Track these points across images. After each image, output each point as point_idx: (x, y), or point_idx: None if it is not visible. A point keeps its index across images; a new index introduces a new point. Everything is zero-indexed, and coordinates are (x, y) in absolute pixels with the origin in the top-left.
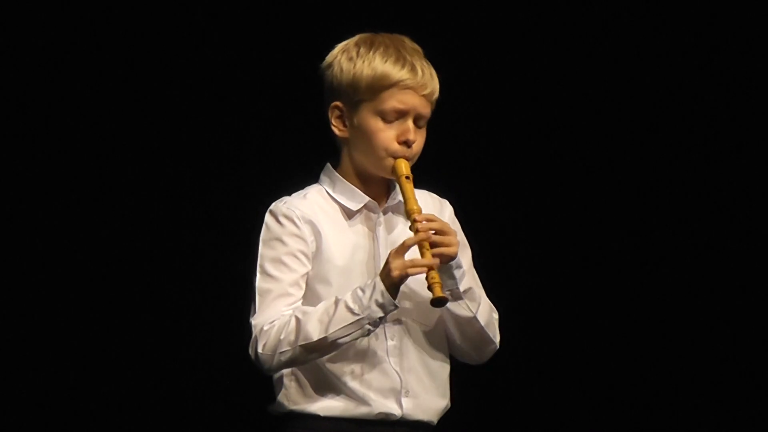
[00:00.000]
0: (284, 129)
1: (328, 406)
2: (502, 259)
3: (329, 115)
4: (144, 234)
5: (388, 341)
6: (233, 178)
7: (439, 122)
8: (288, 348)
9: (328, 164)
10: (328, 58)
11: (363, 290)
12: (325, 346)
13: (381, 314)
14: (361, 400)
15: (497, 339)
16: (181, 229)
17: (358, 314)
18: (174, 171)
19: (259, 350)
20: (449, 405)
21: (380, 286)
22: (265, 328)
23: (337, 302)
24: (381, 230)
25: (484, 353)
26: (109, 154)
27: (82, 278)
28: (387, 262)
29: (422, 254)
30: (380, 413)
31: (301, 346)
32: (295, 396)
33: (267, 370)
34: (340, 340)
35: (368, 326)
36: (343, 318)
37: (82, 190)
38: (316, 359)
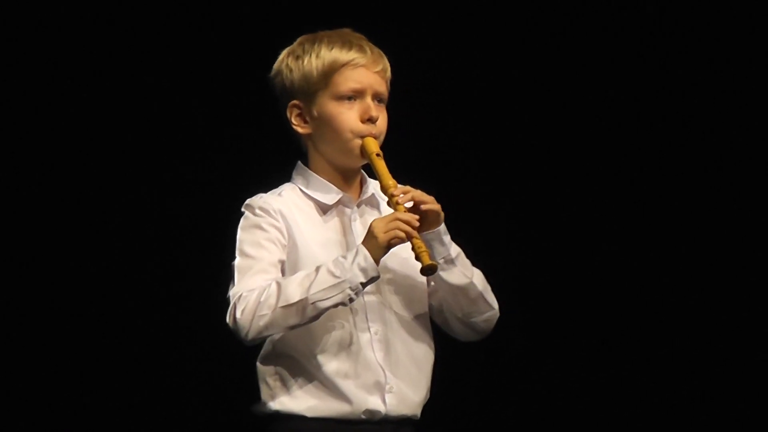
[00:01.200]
0: (254, 131)
1: (313, 406)
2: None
3: (288, 116)
4: (115, 235)
5: (371, 334)
6: (206, 180)
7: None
8: (267, 311)
9: (299, 162)
10: (276, 65)
11: (345, 256)
12: (305, 309)
13: (362, 279)
14: (345, 399)
15: (496, 305)
16: (152, 231)
17: (339, 277)
18: (146, 174)
19: (238, 315)
20: (428, 396)
21: (363, 250)
22: (243, 294)
23: (318, 268)
24: (356, 225)
25: (487, 321)
26: (83, 156)
27: (62, 277)
28: (370, 228)
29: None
30: (365, 411)
31: (281, 307)
32: (280, 396)
33: (245, 336)
34: (320, 303)
35: (349, 291)
36: (325, 281)
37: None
38: (295, 326)
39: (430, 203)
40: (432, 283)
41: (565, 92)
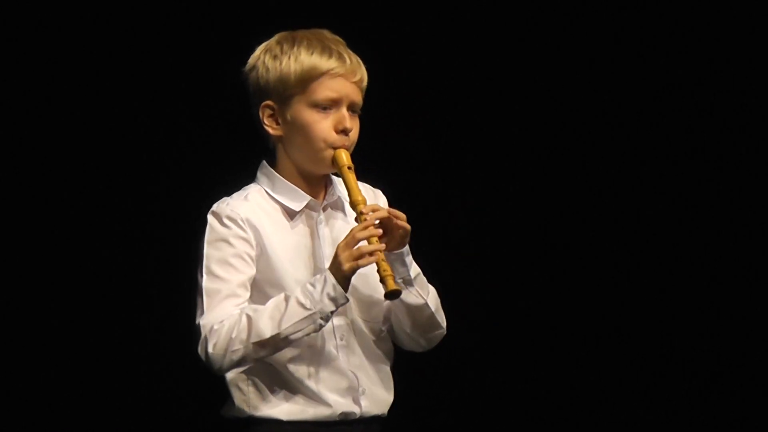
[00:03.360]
0: (217, 128)
1: (289, 410)
2: (439, 248)
3: (260, 115)
4: (78, 238)
5: (337, 339)
6: (168, 179)
7: (372, 115)
8: (240, 346)
9: (264, 162)
10: (251, 60)
11: (313, 285)
12: (278, 343)
13: (333, 308)
14: (323, 402)
15: (444, 324)
16: (119, 228)
17: (310, 309)
18: (109, 172)
19: (210, 350)
20: (392, 395)
21: (331, 279)
22: (215, 327)
23: (287, 298)
24: (323, 228)
25: (433, 339)
26: (49, 159)
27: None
28: (336, 255)
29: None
30: (342, 413)
31: (254, 343)
32: (255, 401)
33: (218, 370)
34: (292, 336)
35: (320, 321)
36: (295, 313)
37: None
38: (266, 357)
39: (402, 218)
40: None
41: (544, 93)
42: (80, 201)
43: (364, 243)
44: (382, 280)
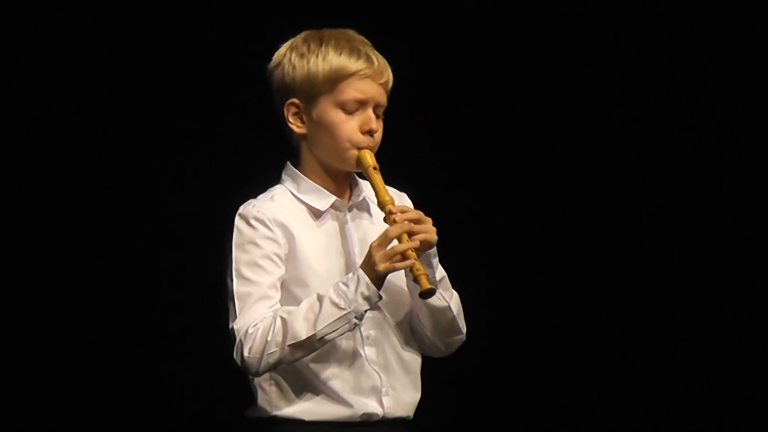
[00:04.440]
0: (240, 130)
1: (311, 410)
2: (462, 252)
3: (285, 113)
4: (101, 240)
5: (363, 338)
6: (192, 181)
7: (396, 117)
8: (276, 349)
9: (289, 163)
10: (276, 57)
11: (346, 284)
12: (313, 344)
13: (367, 307)
14: (343, 402)
15: (464, 329)
16: (146, 232)
17: (344, 309)
18: (137, 174)
19: (246, 354)
20: (420, 397)
21: (365, 278)
22: (249, 331)
23: (320, 299)
24: (349, 228)
25: (452, 344)
26: (73, 160)
27: (48, 283)
28: (370, 255)
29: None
30: (363, 414)
31: (290, 345)
32: (278, 401)
33: (254, 374)
34: (327, 336)
35: (354, 320)
36: (330, 314)
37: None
38: (302, 358)
39: (426, 230)
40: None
41: (531, 84)
42: (108, 205)
43: (395, 242)
44: (416, 279)
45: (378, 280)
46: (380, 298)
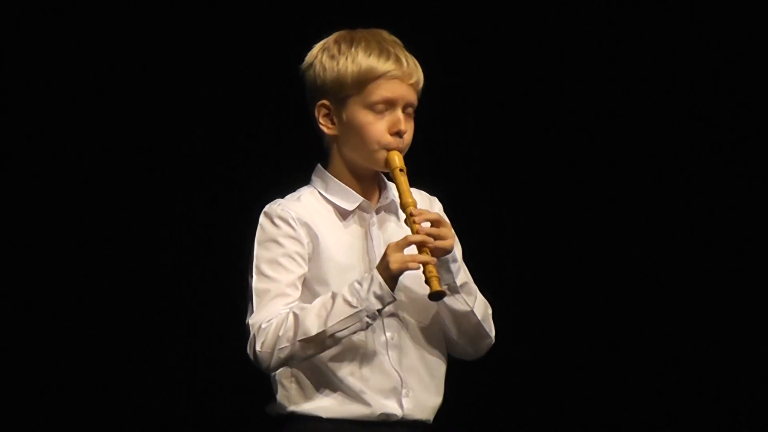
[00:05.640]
0: (272, 132)
1: (329, 407)
2: (492, 256)
3: (316, 114)
4: (136, 237)
5: (387, 339)
6: (224, 182)
7: (429, 118)
8: (287, 344)
9: (319, 165)
10: (308, 58)
11: (360, 283)
12: (324, 340)
13: (379, 306)
14: (362, 401)
15: (492, 333)
16: (173, 232)
17: (356, 307)
18: (165, 175)
19: (258, 348)
20: (441, 401)
21: (378, 278)
22: (263, 326)
23: (334, 296)
24: (375, 230)
25: (480, 348)
26: (103, 158)
27: (80, 279)
28: (385, 255)
29: (419, 252)
30: (382, 414)
31: (300, 341)
32: (296, 397)
33: (266, 369)
34: (338, 334)
35: (367, 319)
36: (342, 311)
37: (72, 192)
38: (314, 355)
39: (443, 236)
40: None
41: (556, 88)
42: (137, 204)
43: (413, 248)
44: (427, 281)
45: (391, 279)
46: (393, 298)
